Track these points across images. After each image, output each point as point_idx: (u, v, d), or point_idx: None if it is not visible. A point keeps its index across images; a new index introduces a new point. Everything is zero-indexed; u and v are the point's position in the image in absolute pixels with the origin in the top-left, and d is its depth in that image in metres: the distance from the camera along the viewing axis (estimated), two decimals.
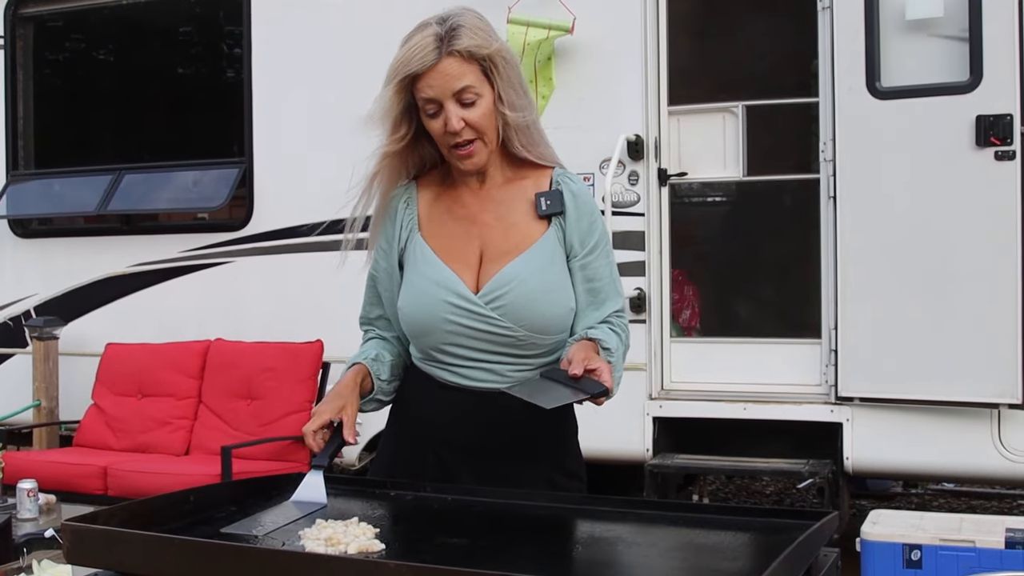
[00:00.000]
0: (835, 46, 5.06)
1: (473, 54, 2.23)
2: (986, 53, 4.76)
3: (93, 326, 6.72)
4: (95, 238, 6.88)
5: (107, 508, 1.94)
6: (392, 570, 1.60)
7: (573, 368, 2.11)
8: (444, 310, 2.31)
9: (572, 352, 2.18)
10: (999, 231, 4.76)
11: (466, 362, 2.34)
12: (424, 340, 2.36)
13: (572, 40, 5.46)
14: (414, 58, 2.22)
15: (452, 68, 2.23)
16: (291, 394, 5.89)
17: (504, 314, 2.29)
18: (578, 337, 2.31)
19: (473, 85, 2.24)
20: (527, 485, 2.27)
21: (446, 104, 2.24)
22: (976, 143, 4.77)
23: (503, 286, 2.30)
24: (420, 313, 2.34)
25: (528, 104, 2.33)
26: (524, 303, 2.29)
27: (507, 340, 2.31)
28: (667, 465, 5.30)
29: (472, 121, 2.25)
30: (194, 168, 6.68)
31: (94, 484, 5.67)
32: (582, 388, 2.08)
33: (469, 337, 2.31)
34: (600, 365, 2.11)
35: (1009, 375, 4.76)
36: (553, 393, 2.11)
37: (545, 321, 2.31)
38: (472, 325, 2.30)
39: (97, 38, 7.37)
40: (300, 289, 6.12)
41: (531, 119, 2.34)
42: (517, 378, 2.33)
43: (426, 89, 2.24)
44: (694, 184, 6.18)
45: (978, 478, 5.76)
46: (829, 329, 5.14)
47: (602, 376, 2.09)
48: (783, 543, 1.77)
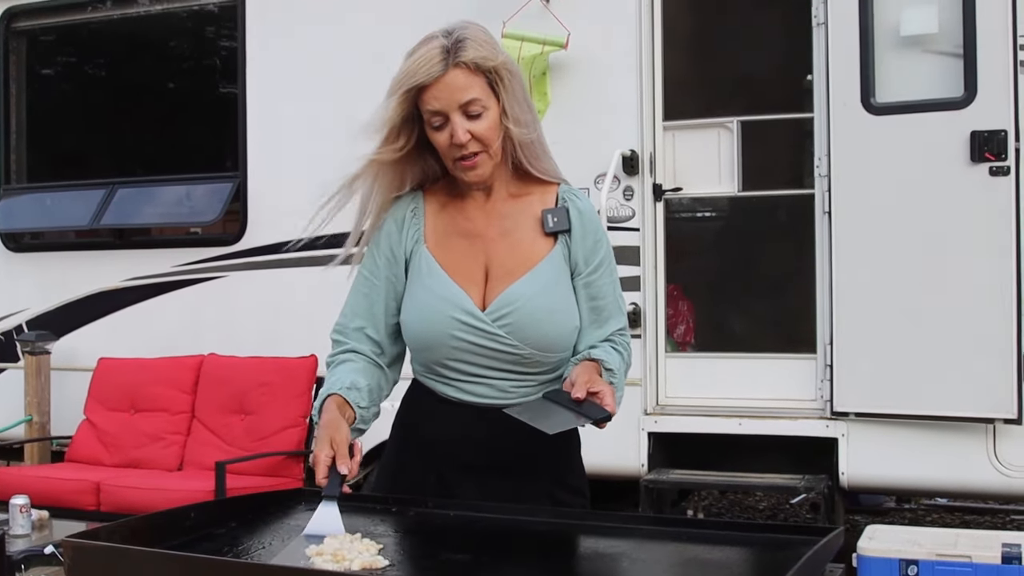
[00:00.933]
0: (830, 62, 5.06)
1: (479, 66, 2.23)
2: (980, 69, 4.77)
3: (85, 341, 6.69)
4: (88, 252, 6.86)
5: (108, 524, 1.93)
6: None
7: (576, 391, 2.10)
8: (451, 326, 2.29)
9: (575, 374, 2.18)
10: (994, 246, 4.77)
11: (469, 378, 2.33)
12: (428, 354, 2.35)
13: (567, 55, 5.46)
14: (420, 70, 2.22)
15: (458, 80, 2.22)
16: (285, 409, 5.87)
17: (511, 332, 2.28)
18: (581, 357, 2.30)
19: (479, 98, 2.24)
20: (529, 501, 2.26)
21: (452, 116, 2.24)
22: (971, 159, 4.78)
23: (510, 304, 2.29)
24: (426, 328, 2.32)
25: (532, 119, 2.33)
26: (530, 322, 2.28)
27: (512, 357, 2.30)
28: (663, 480, 5.29)
29: (478, 133, 2.25)
30: (188, 182, 6.67)
31: (87, 500, 5.65)
32: (584, 412, 2.07)
33: (474, 354, 2.31)
34: (603, 388, 2.11)
35: (1005, 390, 4.76)
36: (556, 417, 2.10)
37: (550, 340, 2.30)
38: (478, 342, 2.29)
39: (90, 52, 7.37)
40: (294, 304, 6.09)
41: (535, 134, 2.34)
42: (519, 394, 2.32)
43: (432, 101, 2.24)
44: (688, 199, 6.18)
45: (973, 493, 5.75)
46: (824, 344, 5.14)
47: (604, 400, 2.08)
48: (790, 559, 1.76)
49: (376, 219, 2.39)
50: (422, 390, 2.41)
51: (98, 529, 1.90)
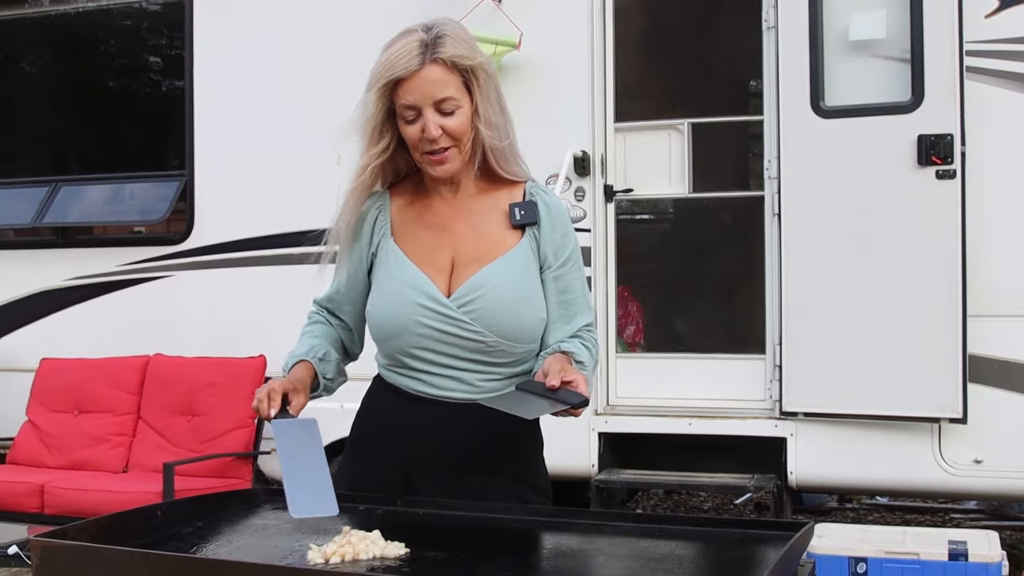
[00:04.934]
0: (780, 65, 5.11)
1: (456, 64, 2.23)
2: (927, 74, 4.84)
3: (27, 341, 6.57)
4: (29, 251, 6.75)
5: (76, 524, 1.91)
6: None
7: (550, 380, 2.10)
8: (415, 312, 2.29)
9: (548, 364, 2.18)
10: (940, 249, 4.84)
11: (435, 368, 2.32)
12: (392, 344, 2.34)
13: (519, 56, 5.46)
14: (399, 63, 2.21)
15: (435, 75, 2.22)
16: (232, 410, 5.81)
17: (475, 318, 2.28)
18: (552, 350, 2.30)
19: (454, 96, 2.24)
20: (495, 500, 2.26)
21: (425, 111, 2.23)
22: (918, 162, 4.86)
23: (475, 290, 2.29)
24: (390, 315, 2.32)
25: (506, 123, 2.33)
26: (495, 308, 2.28)
27: (477, 346, 2.29)
28: (614, 480, 5.31)
29: (449, 129, 2.25)
30: (133, 181, 6.58)
31: (30, 503, 5.55)
32: (560, 399, 2.07)
33: (439, 341, 2.30)
34: (576, 376, 2.11)
35: (950, 390, 4.84)
36: (532, 405, 2.10)
37: (516, 328, 2.30)
38: (443, 328, 2.29)
39: (33, 48, 7.24)
40: (241, 304, 6.04)
41: (507, 141, 2.34)
42: (486, 388, 2.32)
43: (406, 95, 2.23)
44: (639, 200, 6.21)
45: (919, 492, 5.84)
46: (773, 345, 5.19)
47: (579, 387, 2.09)
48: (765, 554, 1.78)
49: (352, 218, 2.37)
50: (385, 387, 2.40)
51: (65, 528, 1.87)
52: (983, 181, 4.88)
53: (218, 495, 2.30)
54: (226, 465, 5.63)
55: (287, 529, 2.10)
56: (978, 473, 4.90)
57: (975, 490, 5.16)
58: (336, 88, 4.40)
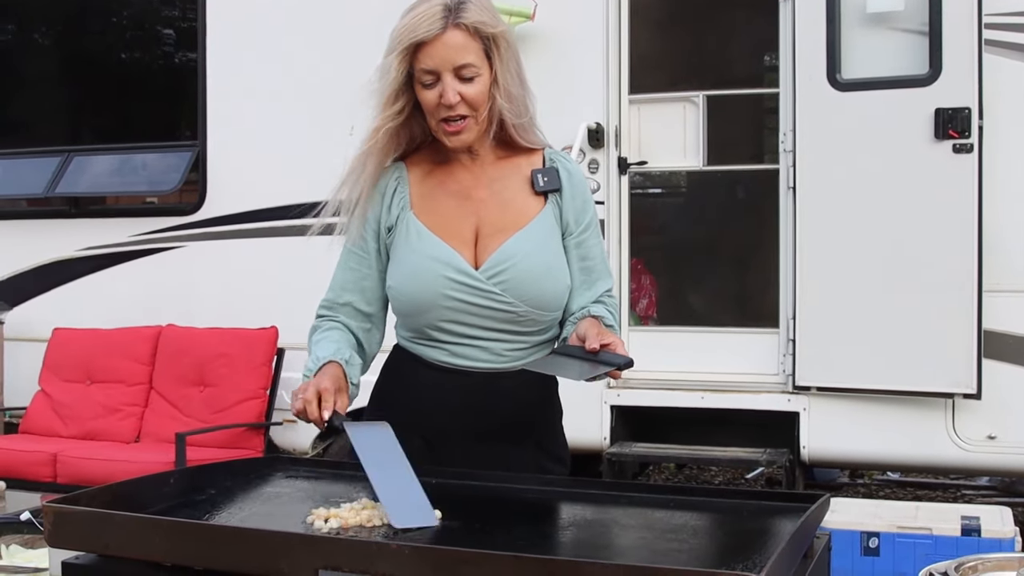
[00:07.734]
0: (796, 38, 5.07)
1: (479, 30, 2.21)
2: (945, 47, 4.80)
3: (40, 311, 6.58)
4: (42, 221, 6.76)
5: (88, 490, 1.90)
6: (394, 552, 1.57)
7: (590, 343, 2.08)
8: (444, 286, 2.26)
9: (583, 328, 2.16)
10: (956, 223, 4.80)
11: (461, 339, 2.30)
12: (419, 319, 2.31)
13: (533, 27, 5.42)
14: (421, 26, 2.18)
15: (457, 40, 2.19)
16: (245, 381, 5.81)
17: (506, 289, 2.26)
18: (582, 314, 2.29)
19: (474, 63, 2.21)
20: (515, 469, 2.25)
21: (444, 76, 2.21)
22: (935, 136, 4.81)
23: (505, 261, 2.27)
24: (417, 290, 2.28)
25: (525, 95, 2.30)
26: (526, 278, 2.26)
27: (507, 316, 2.28)
28: (626, 453, 5.30)
29: (468, 96, 2.22)
30: (145, 151, 6.57)
31: (43, 472, 5.57)
32: (603, 360, 2.05)
33: (468, 314, 2.28)
34: (614, 339, 2.10)
35: (964, 365, 4.81)
36: (576, 367, 2.07)
37: (546, 297, 2.29)
38: (473, 301, 2.27)
39: (46, 18, 7.23)
40: (254, 274, 6.04)
41: (527, 117, 2.32)
42: (511, 356, 2.31)
43: (426, 59, 2.20)
44: (653, 173, 6.18)
45: (932, 468, 5.83)
46: (787, 319, 5.17)
47: (618, 349, 2.07)
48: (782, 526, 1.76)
49: (368, 189, 2.34)
50: (406, 356, 2.38)
51: (78, 495, 1.86)
52: (1000, 156, 4.83)
53: (230, 463, 2.29)
54: (238, 436, 5.64)
55: (300, 497, 2.09)
56: (992, 449, 4.88)
57: (988, 466, 5.13)
58: (350, 58, 4.37)
